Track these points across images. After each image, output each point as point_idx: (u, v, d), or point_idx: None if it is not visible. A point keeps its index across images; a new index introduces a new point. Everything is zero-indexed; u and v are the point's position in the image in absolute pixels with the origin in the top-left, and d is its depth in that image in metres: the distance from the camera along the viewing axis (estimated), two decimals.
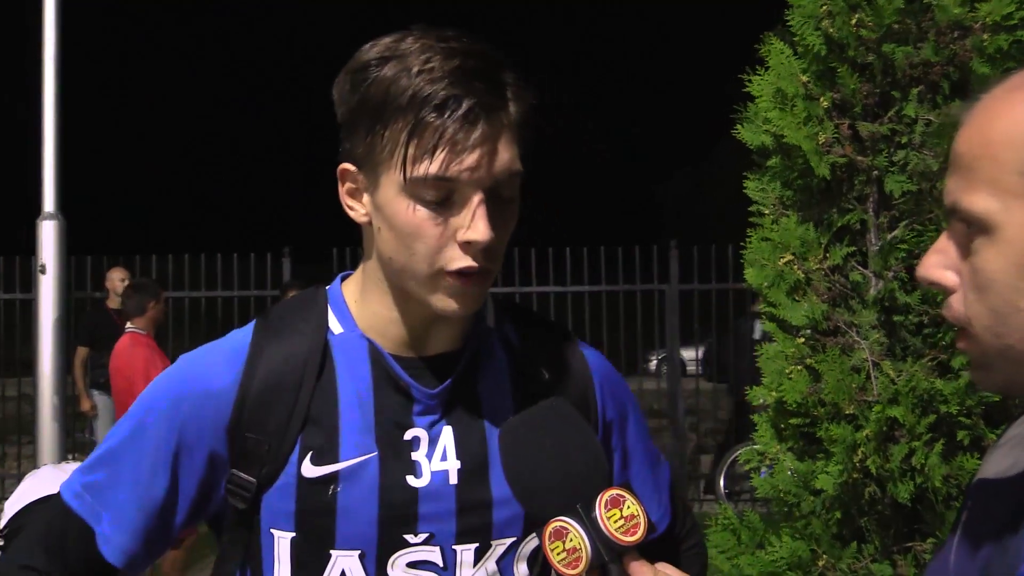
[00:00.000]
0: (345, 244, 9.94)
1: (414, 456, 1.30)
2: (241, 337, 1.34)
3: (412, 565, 1.29)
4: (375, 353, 1.32)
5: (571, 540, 1.08)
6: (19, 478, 5.69)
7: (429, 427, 1.31)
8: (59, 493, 1.36)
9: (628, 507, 1.09)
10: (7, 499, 2.36)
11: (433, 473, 1.30)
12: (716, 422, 10.88)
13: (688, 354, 11.49)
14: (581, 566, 1.08)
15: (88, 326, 8.86)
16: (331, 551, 1.28)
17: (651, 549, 1.53)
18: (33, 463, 7.51)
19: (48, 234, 6.93)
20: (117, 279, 8.68)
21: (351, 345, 1.32)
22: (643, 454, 1.51)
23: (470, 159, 1.16)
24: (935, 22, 2.76)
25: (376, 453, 1.28)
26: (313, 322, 1.33)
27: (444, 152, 1.15)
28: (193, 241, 14.55)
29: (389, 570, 1.29)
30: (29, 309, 8.89)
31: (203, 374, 1.31)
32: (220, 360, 1.32)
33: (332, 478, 1.27)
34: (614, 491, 1.10)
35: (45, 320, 6.99)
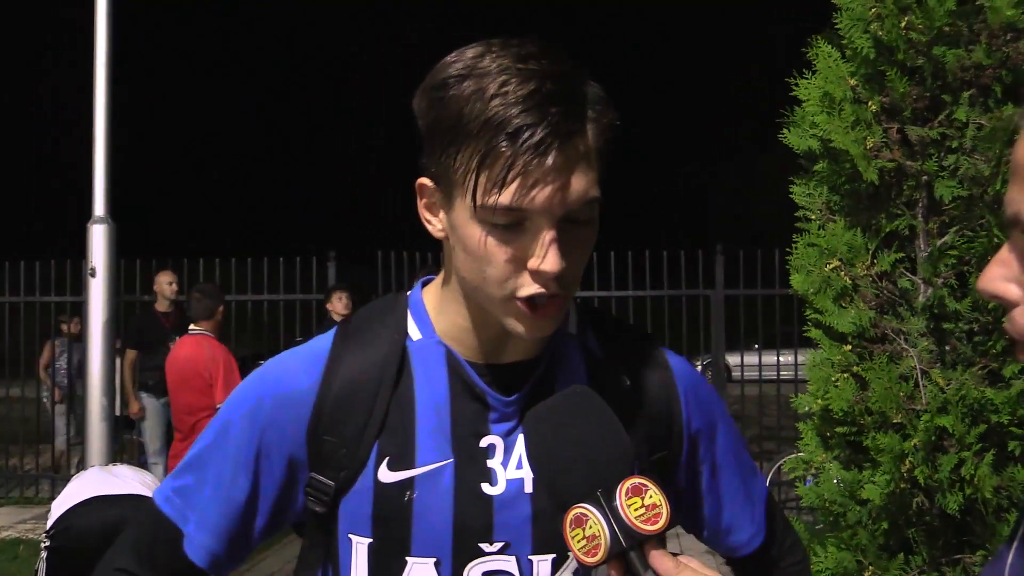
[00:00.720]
0: (389, 247, 10.00)
1: (490, 464, 1.29)
2: (322, 342, 1.36)
3: (488, 575, 1.28)
4: (452, 360, 1.31)
5: (591, 527, 1.07)
6: (67, 479, 5.78)
7: (505, 435, 1.30)
8: (152, 499, 1.40)
9: (650, 496, 1.07)
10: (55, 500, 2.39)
11: (508, 481, 1.29)
12: (761, 428, 10.78)
13: (733, 359, 11.41)
14: (600, 554, 1.06)
15: (137, 329, 8.98)
16: (407, 558, 1.28)
17: (744, 568, 1.49)
18: (82, 464, 7.62)
19: (98, 238, 7.05)
20: (165, 283, 8.83)
21: (429, 352, 1.32)
22: (734, 466, 1.46)
23: (541, 190, 1.13)
24: (987, 24, 2.72)
25: (452, 460, 1.28)
26: (392, 328, 1.34)
27: (515, 183, 1.12)
28: (239, 245, 14.71)
29: None
30: (79, 312, 9.04)
31: (284, 378, 1.34)
32: (300, 364, 1.34)
33: (408, 484, 1.28)
34: (636, 480, 1.09)
35: (95, 322, 7.10)
